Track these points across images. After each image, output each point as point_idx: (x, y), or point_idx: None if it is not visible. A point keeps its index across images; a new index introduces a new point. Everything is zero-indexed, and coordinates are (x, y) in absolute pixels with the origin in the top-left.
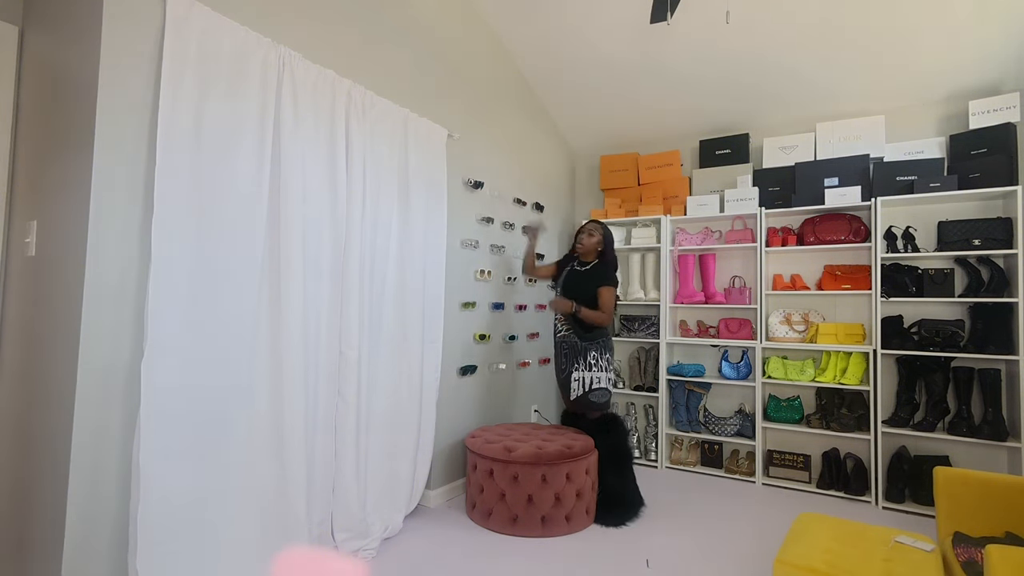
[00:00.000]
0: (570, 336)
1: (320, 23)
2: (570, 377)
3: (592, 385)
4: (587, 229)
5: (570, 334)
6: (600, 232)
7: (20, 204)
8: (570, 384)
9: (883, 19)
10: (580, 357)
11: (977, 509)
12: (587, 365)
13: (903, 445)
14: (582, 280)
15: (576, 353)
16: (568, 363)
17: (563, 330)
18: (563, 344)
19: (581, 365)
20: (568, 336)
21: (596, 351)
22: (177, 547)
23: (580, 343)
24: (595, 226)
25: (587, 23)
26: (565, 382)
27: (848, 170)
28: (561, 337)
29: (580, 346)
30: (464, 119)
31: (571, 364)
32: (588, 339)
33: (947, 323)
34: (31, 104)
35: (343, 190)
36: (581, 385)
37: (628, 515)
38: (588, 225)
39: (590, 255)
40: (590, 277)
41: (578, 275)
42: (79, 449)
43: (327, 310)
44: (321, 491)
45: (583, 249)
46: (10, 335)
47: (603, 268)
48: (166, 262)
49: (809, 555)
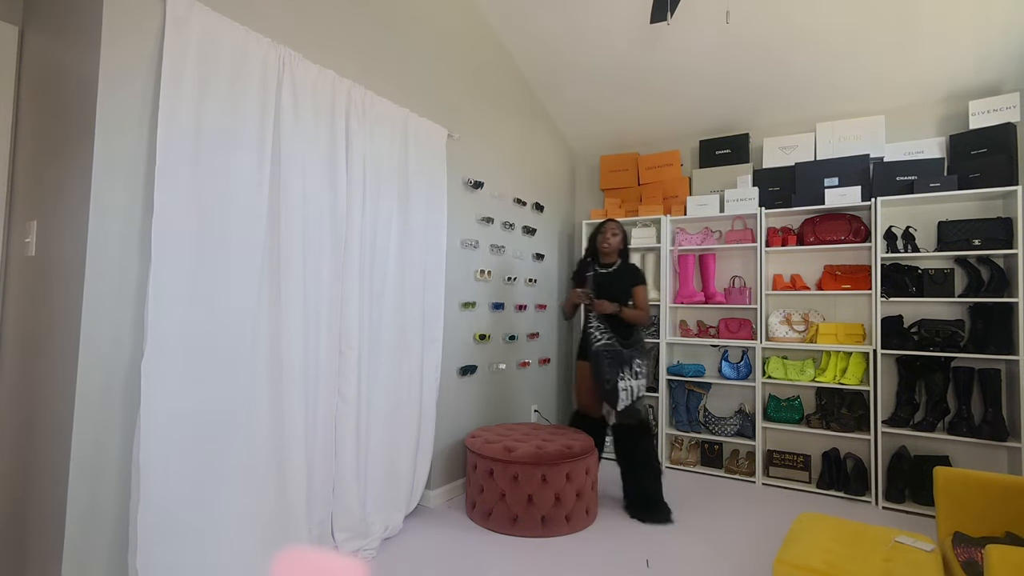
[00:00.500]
0: (613, 345)
1: (320, 23)
2: (617, 388)
3: (638, 393)
4: (610, 228)
5: (612, 342)
6: (622, 230)
7: (20, 204)
8: (618, 394)
9: (883, 19)
10: (626, 366)
11: (977, 509)
12: (633, 373)
13: (903, 445)
14: (613, 281)
15: (622, 362)
16: (613, 373)
17: (603, 338)
18: (605, 354)
19: (628, 374)
20: (611, 345)
21: (639, 357)
22: (177, 547)
23: (625, 352)
24: (617, 225)
25: (587, 23)
26: (612, 393)
27: (848, 170)
28: (602, 346)
29: (625, 355)
30: (464, 119)
31: (616, 374)
32: (631, 346)
33: (947, 323)
34: (31, 104)
35: (343, 190)
36: (630, 395)
37: (669, 514)
38: (609, 224)
39: (613, 255)
40: (621, 277)
41: (607, 277)
42: (79, 449)
43: (327, 310)
44: (321, 491)
45: (609, 249)
46: (10, 335)
47: (632, 267)
48: (166, 262)
49: (809, 555)
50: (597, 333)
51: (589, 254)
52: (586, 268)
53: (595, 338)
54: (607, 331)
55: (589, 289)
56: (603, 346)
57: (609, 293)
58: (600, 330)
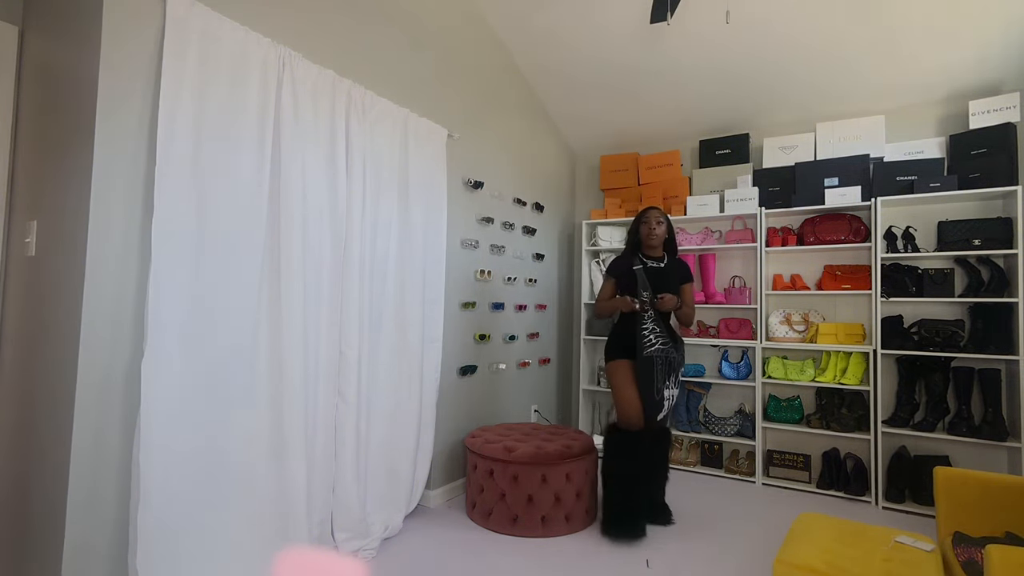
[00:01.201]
0: (669, 349)
1: (320, 23)
2: (663, 396)
3: (674, 400)
4: (654, 216)
5: (668, 347)
6: (667, 219)
7: (20, 204)
8: (663, 404)
9: (883, 19)
10: (674, 374)
11: (977, 509)
12: (676, 382)
13: (903, 445)
14: (667, 277)
15: (672, 370)
16: (661, 380)
17: (658, 342)
18: (659, 359)
19: (672, 382)
20: (667, 350)
21: (682, 362)
22: (177, 547)
23: (678, 358)
24: (661, 213)
25: (587, 23)
26: (657, 402)
27: (848, 170)
28: (657, 351)
29: (677, 362)
30: (464, 119)
31: (663, 381)
32: (680, 351)
33: (947, 323)
34: (31, 104)
35: (343, 190)
36: (670, 403)
37: (670, 515)
38: (653, 212)
39: (659, 248)
40: (670, 274)
41: (660, 273)
42: (79, 449)
43: (327, 310)
44: (321, 491)
45: (656, 241)
46: (10, 335)
47: (682, 262)
48: (166, 262)
49: (809, 555)
50: (653, 337)
51: (631, 247)
52: (629, 263)
53: (650, 341)
54: (663, 334)
55: (643, 289)
56: (657, 351)
57: (660, 292)
58: (656, 333)
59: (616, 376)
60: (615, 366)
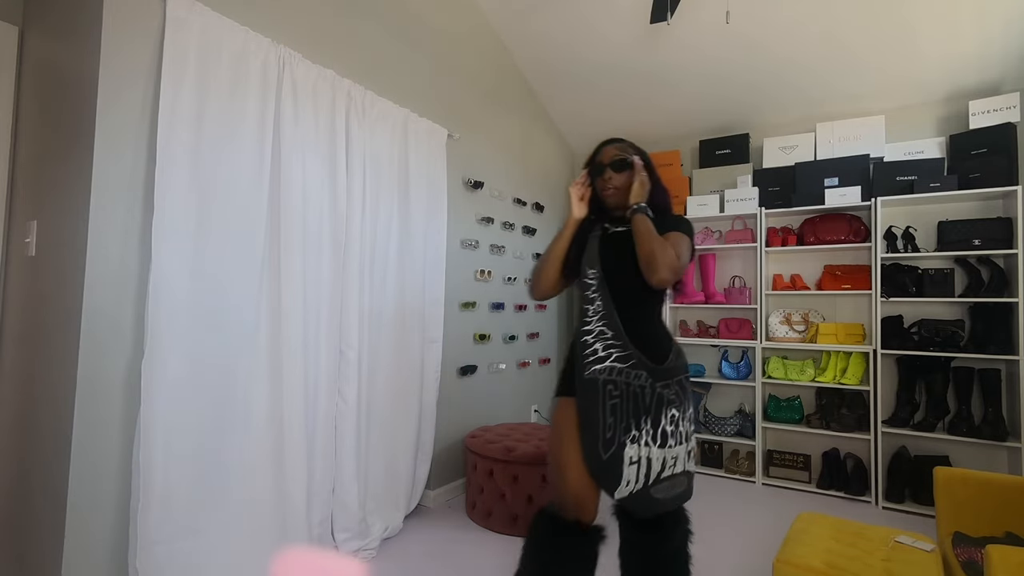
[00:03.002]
0: (631, 369)
1: (320, 23)
2: (623, 453)
3: (672, 468)
4: (609, 155)
5: (633, 365)
6: (640, 155)
7: (20, 204)
8: (620, 470)
9: (883, 19)
10: (647, 417)
11: (977, 509)
12: (661, 433)
13: (903, 445)
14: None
15: (640, 409)
16: (619, 423)
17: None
18: (613, 386)
19: (647, 429)
20: (628, 370)
21: (678, 399)
22: (177, 547)
23: (650, 387)
24: (621, 149)
25: (587, 23)
26: (607, 463)
27: (848, 170)
28: (605, 371)
29: (650, 393)
30: (464, 119)
31: (622, 425)
32: (665, 375)
33: (947, 323)
34: (31, 104)
35: (343, 190)
36: (645, 472)
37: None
38: (607, 150)
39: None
40: None
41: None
42: (79, 449)
43: (327, 310)
44: (321, 491)
45: (616, 199)
46: (10, 335)
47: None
48: (166, 262)
49: (809, 555)
50: (599, 344)
51: (594, 208)
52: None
53: (593, 351)
54: (617, 340)
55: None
56: (608, 371)
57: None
58: (603, 337)
59: (553, 422)
60: (556, 409)
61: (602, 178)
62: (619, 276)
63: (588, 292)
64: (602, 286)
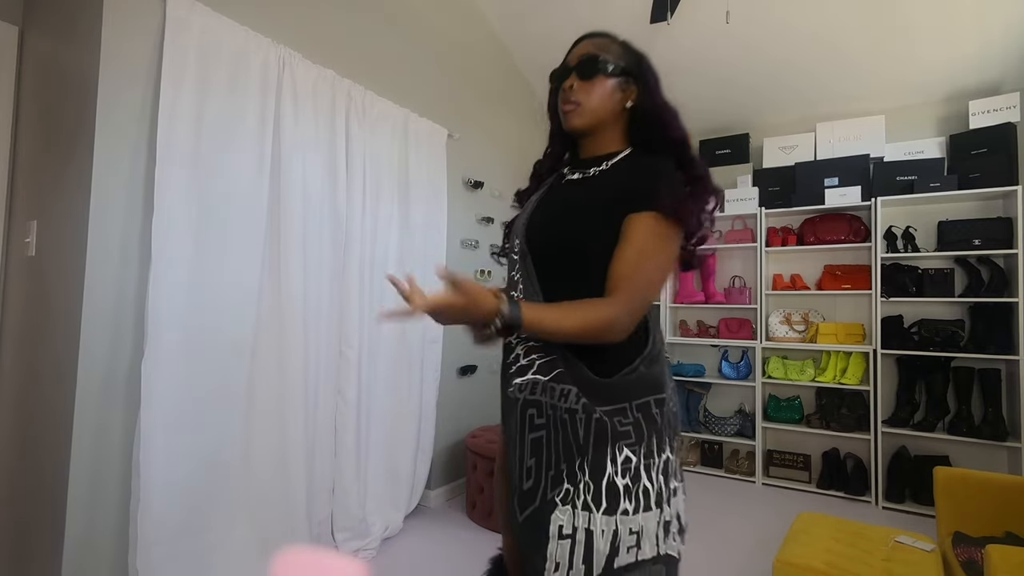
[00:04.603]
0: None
1: (320, 23)
2: (544, 521)
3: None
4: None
5: (551, 379)
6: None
7: (20, 204)
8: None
9: (883, 19)
10: (581, 457)
11: (977, 509)
12: (606, 487)
13: (903, 445)
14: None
15: (572, 442)
16: (542, 472)
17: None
18: (532, 412)
19: (585, 482)
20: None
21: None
22: (177, 547)
23: (582, 407)
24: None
25: (588, 23)
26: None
27: (848, 170)
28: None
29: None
30: (464, 119)
31: (550, 476)
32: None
33: (947, 323)
34: (31, 104)
35: (343, 190)
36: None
37: None
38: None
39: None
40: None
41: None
42: (79, 449)
43: (327, 310)
44: (321, 491)
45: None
46: (10, 335)
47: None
48: (166, 262)
49: (809, 555)
50: (520, 348)
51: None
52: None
53: (513, 359)
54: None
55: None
56: (526, 385)
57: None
58: (526, 338)
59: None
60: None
61: (562, 88)
62: (548, 246)
63: (512, 272)
64: (525, 261)
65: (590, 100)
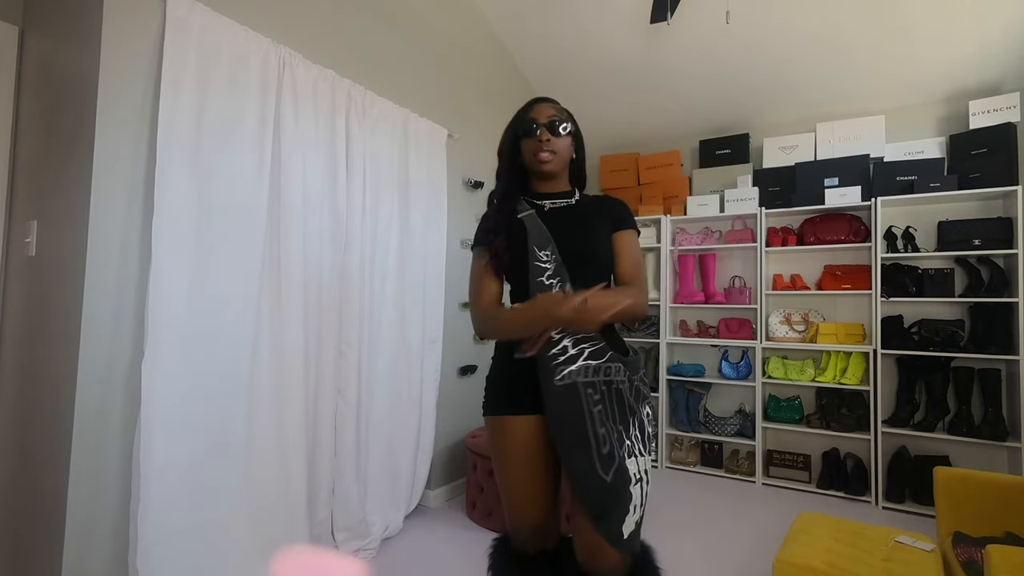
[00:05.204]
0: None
1: (320, 23)
2: (626, 474)
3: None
4: (545, 114)
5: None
6: (570, 121)
7: (20, 204)
8: (626, 492)
9: (883, 19)
10: (635, 419)
11: (977, 509)
12: (645, 436)
13: (903, 445)
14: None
15: (625, 406)
16: (611, 436)
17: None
18: (593, 388)
19: (635, 434)
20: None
21: (649, 397)
22: (177, 547)
23: (627, 378)
24: (555, 108)
25: (587, 23)
26: (614, 487)
27: (848, 170)
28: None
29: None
30: (464, 119)
31: (615, 438)
32: (635, 366)
33: (947, 323)
34: (31, 104)
35: (343, 190)
36: (646, 494)
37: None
38: (541, 108)
39: (562, 177)
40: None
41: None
42: (79, 449)
43: (327, 310)
44: (321, 491)
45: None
46: (10, 335)
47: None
48: (166, 262)
49: (809, 555)
50: (567, 340)
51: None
52: (511, 209)
53: (560, 351)
54: (591, 338)
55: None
56: (580, 370)
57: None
58: (576, 336)
59: (494, 449)
60: (490, 428)
61: (536, 139)
62: (578, 256)
63: (542, 278)
64: (560, 269)
65: (561, 151)
